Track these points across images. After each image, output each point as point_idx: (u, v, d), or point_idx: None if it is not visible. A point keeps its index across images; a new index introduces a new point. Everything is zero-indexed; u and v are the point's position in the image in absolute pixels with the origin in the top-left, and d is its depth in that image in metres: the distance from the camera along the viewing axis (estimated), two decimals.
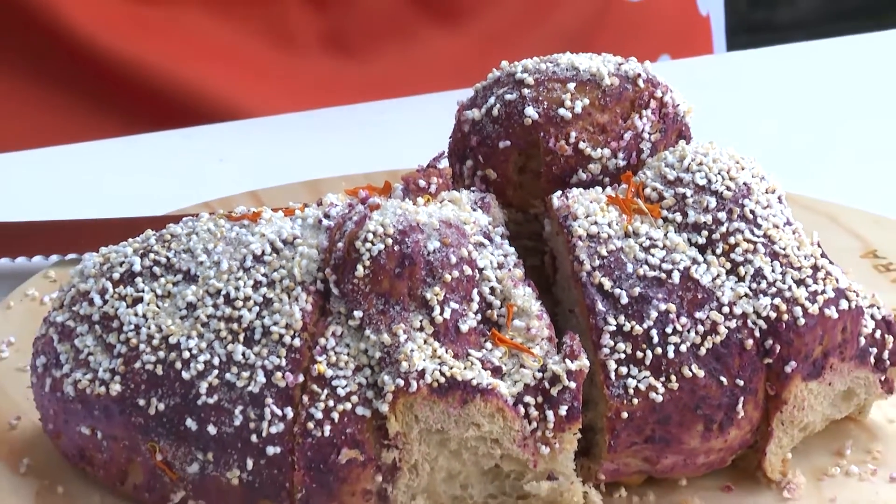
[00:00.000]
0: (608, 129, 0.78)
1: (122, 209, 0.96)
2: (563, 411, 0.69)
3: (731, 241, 0.74)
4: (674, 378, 0.71)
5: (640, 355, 0.71)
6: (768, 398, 0.73)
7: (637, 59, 0.81)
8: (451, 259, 0.71)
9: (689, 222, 0.75)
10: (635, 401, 0.71)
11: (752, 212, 0.75)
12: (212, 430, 0.70)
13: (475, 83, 0.81)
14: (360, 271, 0.71)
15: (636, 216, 0.75)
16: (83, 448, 0.73)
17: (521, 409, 0.69)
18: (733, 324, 0.72)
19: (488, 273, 0.72)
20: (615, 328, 0.71)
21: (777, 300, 0.72)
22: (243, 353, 0.70)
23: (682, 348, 0.71)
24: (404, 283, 0.71)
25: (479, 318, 0.72)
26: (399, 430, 0.69)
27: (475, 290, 0.72)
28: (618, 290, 0.72)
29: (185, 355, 0.71)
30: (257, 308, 0.71)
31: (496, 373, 0.70)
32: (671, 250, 0.73)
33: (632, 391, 0.71)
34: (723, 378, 0.72)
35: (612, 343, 0.71)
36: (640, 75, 0.79)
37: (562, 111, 0.77)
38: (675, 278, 0.72)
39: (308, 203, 0.77)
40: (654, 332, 0.71)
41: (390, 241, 0.71)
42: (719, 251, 0.74)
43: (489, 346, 0.71)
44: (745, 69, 1.19)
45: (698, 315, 0.72)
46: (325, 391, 0.69)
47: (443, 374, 0.69)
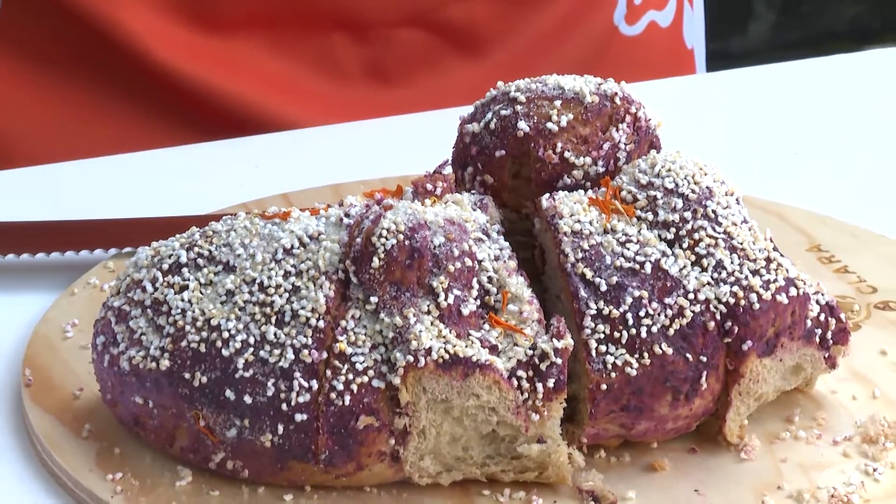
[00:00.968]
0: (589, 140, 0.78)
1: (172, 209, 0.96)
2: (550, 383, 0.69)
3: (696, 236, 0.74)
4: (646, 355, 0.71)
5: (617, 335, 0.71)
6: (728, 372, 0.73)
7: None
8: (454, 252, 0.72)
9: (660, 220, 0.75)
10: (613, 375, 0.71)
11: (713, 211, 0.75)
12: (248, 399, 0.70)
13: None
14: (375, 263, 0.71)
15: (614, 215, 0.75)
16: (136, 415, 0.73)
17: (515, 382, 0.69)
18: (697, 308, 0.72)
19: (486, 264, 0.72)
20: (595, 312, 0.72)
21: (735, 288, 0.73)
22: (275, 334, 0.70)
23: (654, 329, 0.71)
24: (414, 273, 0.71)
25: (479, 303, 0.72)
26: (409, 399, 0.69)
27: (475, 279, 0.72)
28: (598, 279, 0.72)
29: (225, 335, 0.71)
30: (287, 294, 0.71)
31: (493, 350, 0.70)
32: (644, 245, 0.74)
33: (610, 366, 0.71)
34: (688, 355, 0.72)
35: (592, 325, 0.71)
36: (616, 94, 0.79)
37: (549, 125, 0.77)
38: (648, 269, 0.73)
39: (331, 204, 0.77)
40: (629, 316, 0.71)
41: (402, 236, 0.71)
42: (685, 245, 0.74)
43: (487, 327, 0.71)
44: (707, 89, 1.19)
45: (667, 301, 0.72)
46: (346, 366, 0.70)
47: (447, 351, 0.69)
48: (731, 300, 0.72)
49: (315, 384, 0.70)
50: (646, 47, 1.23)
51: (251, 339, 0.70)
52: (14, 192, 1.01)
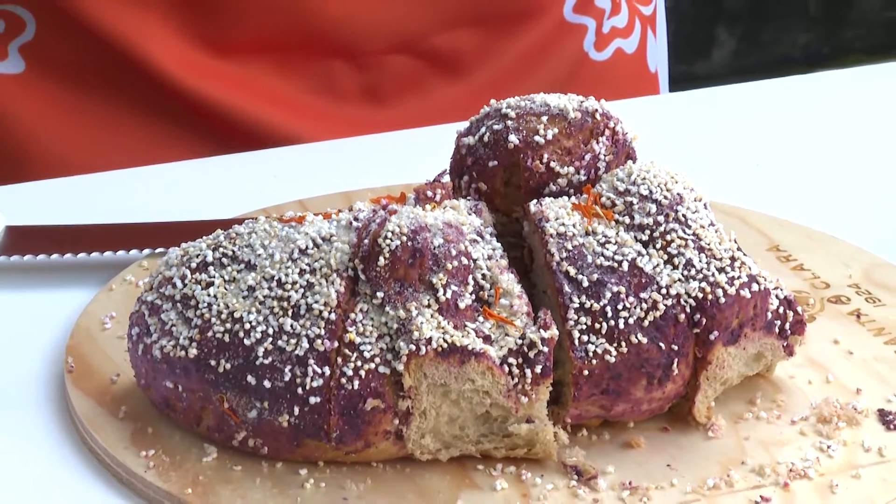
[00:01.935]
0: (573, 151, 0.78)
1: (199, 214, 0.95)
2: (538, 369, 0.69)
3: (668, 238, 0.74)
4: (624, 344, 0.71)
5: (597, 326, 0.71)
6: (696, 359, 0.73)
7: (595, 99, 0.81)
8: (452, 252, 0.71)
9: (636, 223, 0.74)
10: (594, 362, 0.71)
11: (683, 215, 0.74)
12: (267, 384, 0.69)
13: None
14: (381, 262, 0.70)
15: (594, 219, 0.74)
16: (167, 398, 0.73)
17: (506, 368, 0.69)
18: (669, 302, 0.72)
19: (480, 263, 0.72)
20: (578, 305, 0.71)
21: (703, 284, 0.72)
22: (291, 325, 0.70)
23: (630, 321, 0.71)
24: (416, 270, 0.70)
25: (474, 297, 0.71)
26: (411, 384, 0.69)
27: (470, 276, 0.71)
28: (580, 276, 0.72)
29: (247, 326, 0.70)
30: (302, 290, 0.71)
31: (486, 340, 0.70)
32: (621, 245, 0.73)
33: (591, 354, 0.71)
34: (661, 344, 0.71)
35: (576, 317, 0.71)
36: (597, 110, 0.79)
37: (537, 138, 0.77)
38: (625, 267, 0.72)
39: (342, 209, 0.76)
40: (608, 309, 0.71)
41: (405, 238, 0.71)
42: (658, 246, 0.74)
43: (481, 319, 0.71)
44: (670, 108, 1.19)
45: (643, 295, 0.71)
46: (355, 354, 0.69)
47: (445, 341, 0.69)
48: (700, 295, 0.72)
49: (327, 370, 0.69)
50: (613, 71, 1.23)
51: (270, 330, 0.70)
52: (55, 199, 1.01)
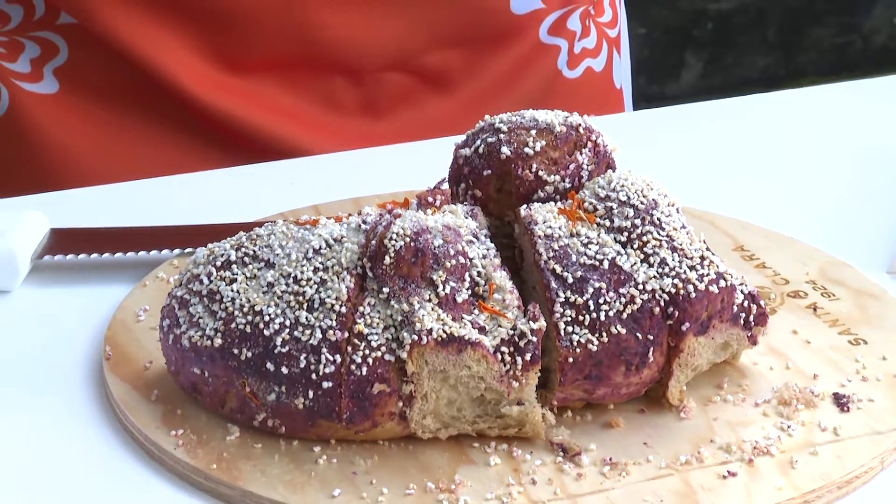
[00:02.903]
0: (559, 162, 0.77)
1: (224, 217, 0.95)
2: (528, 357, 0.69)
3: (644, 239, 0.73)
4: (605, 334, 0.70)
5: (581, 318, 0.70)
6: (670, 348, 0.72)
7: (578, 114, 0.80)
8: (451, 252, 0.71)
9: (615, 226, 0.74)
10: (578, 350, 0.70)
11: (658, 219, 0.74)
12: (284, 370, 0.69)
13: (465, 132, 0.81)
14: (387, 260, 0.70)
15: (578, 222, 0.74)
16: (194, 383, 0.72)
17: (499, 356, 0.69)
18: (646, 297, 0.71)
19: (476, 261, 0.71)
20: (564, 300, 0.70)
21: (676, 280, 0.72)
22: (306, 318, 0.69)
23: (611, 314, 0.70)
24: (418, 268, 0.70)
25: (470, 292, 0.71)
26: (414, 370, 0.68)
27: (467, 273, 0.71)
28: (566, 273, 0.71)
29: (266, 319, 0.70)
30: (316, 286, 0.70)
31: (481, 331, 0.69)
32: (602, 246, 0.73)
33: (576, 343, 0.70)
34: (638, 334, 0.71)
35: (561, 310, 0.70)
36: (580, 125, 0.78)
37: (527, 149, 0.77)
38: (605, 265, 0.71)
39: (352, 213, 0.76)
40: (591, 302, 0.70)
41: (408, 239, 0.70)
42: (636, 246, 0.73)
43: (476, 312, 0.70)
44: (646, 124, 1.19)
45: (622, 291, 0.71)
46: (363, 343, 0.69)
47: (444, 331, 0.68)
48: (673, 290, 0.71)
49: (338, 358, 0.68)
50: (584, 87, 1.23)
51: (287, 322, 0.69)
52: (93, 204, 1.00)
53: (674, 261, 0.72)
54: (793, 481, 0.68)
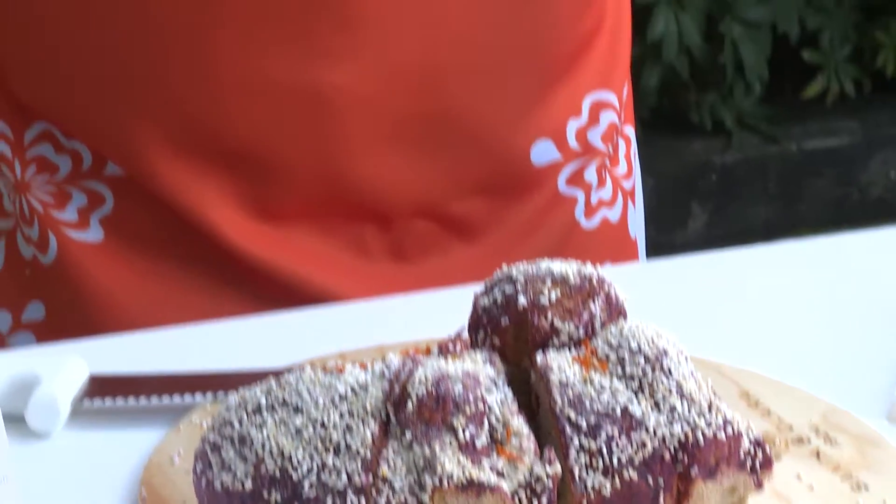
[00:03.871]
0: (573, 311, 0.78)
1: (255, 363, 0.96)
2: (544, 501, 0.68)
3: (654, 386, 0.73)
4: (617, 479, 0.70)
5: (595, 463, 0.70)
6: (679, 492, 0.72)
7: (591, 264, 0.81)
8: (470, 398, 0.71)
9: (627, 374, 0.74)
10: (592, 495, 0.70)
11: (668, 367, 0.74)
12: None
13: (484, 280, 0.81)
14: (410, 406, 0.70)
15: (591, 370, 0.74)
16: None
17: (517, 499, 0.68)
18: (656, 443, 0.71)
19: (494, 407, 0.72)
20: (578, 445, 0.70)
21: (685, 427, 0.72)
22: (332, 462, 0.69)
23: (623, 459, 0.70)
24: (439, 414, 0.70)
25: (488, 437, 0.71)
26: None
27: (485, 419, 0.71)
28: (580, 419, 0.71)
29: (294, 463, 0.70)
30: (342, 431, 0.71)
31: (499, 475, 0.69)
32: (615, 392, 0.73)
33: (590, 488, 0.70)
34: (650, 479, 0.70)
35: (576, 455, 0.70)
36: (593, 276, 0.79)
37: (542, 299, 0.77)
38: (618, 412, 0.72)
39: (376, 360, 0.76)
40: (604, 448, 0.70)
41: (430, 386, 0.70)
42: (647, 393, 0.73)
43: (495, 456, 0.70)
44: (656, 274, 1.20)
45: (633, 437, 0.71)
46: (386, 487, 0.69)
47: (464, 475, 0.68)
48: (682, 437, 0.71)
49: (364, 501, 0.68)
50: (600, 237, 1.24)
51: (314, 466, 0.69)
52: (131, 350, 1.01)
53: (683, 407, 0.72)
54: None
